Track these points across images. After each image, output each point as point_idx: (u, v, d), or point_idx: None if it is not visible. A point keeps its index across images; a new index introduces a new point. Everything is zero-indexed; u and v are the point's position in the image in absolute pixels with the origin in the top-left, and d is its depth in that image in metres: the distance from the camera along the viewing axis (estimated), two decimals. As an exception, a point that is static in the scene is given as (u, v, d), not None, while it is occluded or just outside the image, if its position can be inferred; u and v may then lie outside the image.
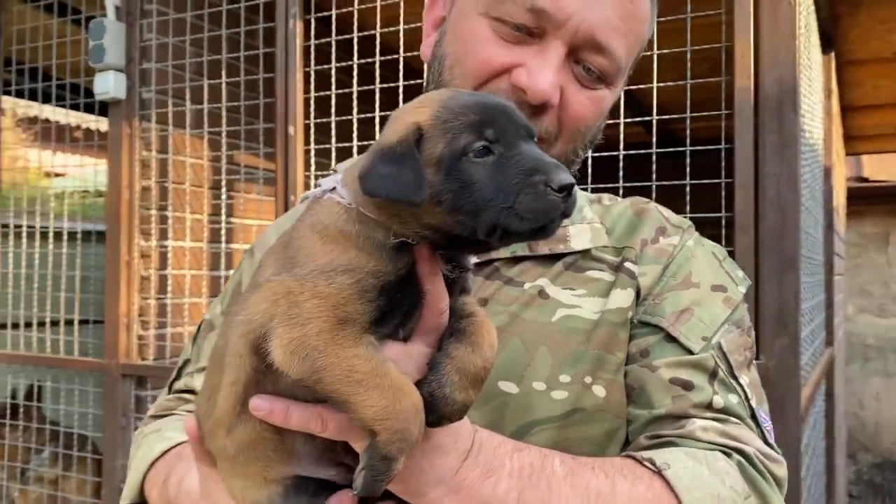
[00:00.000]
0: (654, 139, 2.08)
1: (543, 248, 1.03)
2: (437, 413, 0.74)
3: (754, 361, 1.04)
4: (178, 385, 1.18)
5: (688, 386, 0.94)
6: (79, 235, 3.27)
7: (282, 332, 0.71)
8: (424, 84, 1.07)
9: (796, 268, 1.86)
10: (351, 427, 0.72)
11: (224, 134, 2.81)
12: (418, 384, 0.74)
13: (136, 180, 2.85)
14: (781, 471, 0.93)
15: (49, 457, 3.34)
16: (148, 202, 2.85)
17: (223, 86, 2.77)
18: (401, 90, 2.43)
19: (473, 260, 0.84)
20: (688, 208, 1.95)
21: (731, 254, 1.87)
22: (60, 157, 3.65)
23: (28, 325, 3.25)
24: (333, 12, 2.48)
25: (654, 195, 2.13)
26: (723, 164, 2.00)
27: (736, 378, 0.96)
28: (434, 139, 0.71)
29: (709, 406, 0.93)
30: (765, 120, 1.88)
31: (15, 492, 3.37)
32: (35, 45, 3.15)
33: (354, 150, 2.50)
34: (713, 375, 0.95)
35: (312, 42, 2.52)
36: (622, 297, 1.00)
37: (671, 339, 0.96)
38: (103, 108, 2.99)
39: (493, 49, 0.96)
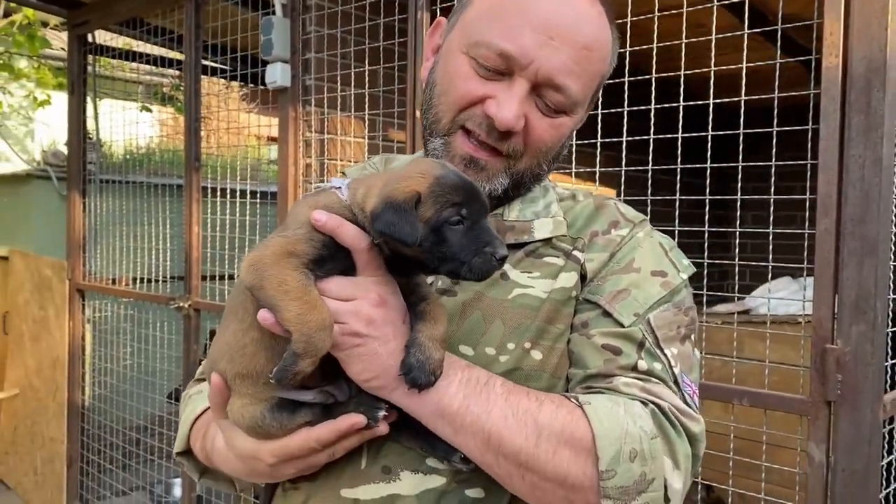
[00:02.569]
0: (742, 119, 2.06)
1: (510, 238, 1.22)
2: (426, 370, 1.01)
3: (692, 337, 1.18)
4: (204, 366, 1.43)
5: (617, 352, 1.10)
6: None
7: (249, 255, 1.02)
8: (422, 100, 1.29)
9: (877, 253, 1.80)
10: (271, 320, 0.98)
11: (380, 115, 3.13)
12: (405, 356, 1.02)
13: (300, 158, 3.26)
14: (697, 427, 1.06)
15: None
16: (310, 177, 3.26)
17: (380, 71, 3.08)
18: None
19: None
20: (772, 190, 1.93)
21: (812, 237, 1.88)
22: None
23: (231, 277, 3.83)
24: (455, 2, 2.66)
25: (739, 174, 2.13)
26: (809, 144, 1.95)
27: (662, 349, 1.11)
28: (427, 205, 0.98)
29: (633, 368, 1.09)
30: (851, 100, 1.82)
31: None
32: (234, 35, 3.65)
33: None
34: (640, 345, 1.10)
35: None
36: (566, 279, 1.18)
37: (607, 314, 1.13)
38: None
39: (470, 84, 1.17)
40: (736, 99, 2.10)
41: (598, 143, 2.38)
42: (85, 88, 4.72)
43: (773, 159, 2.02)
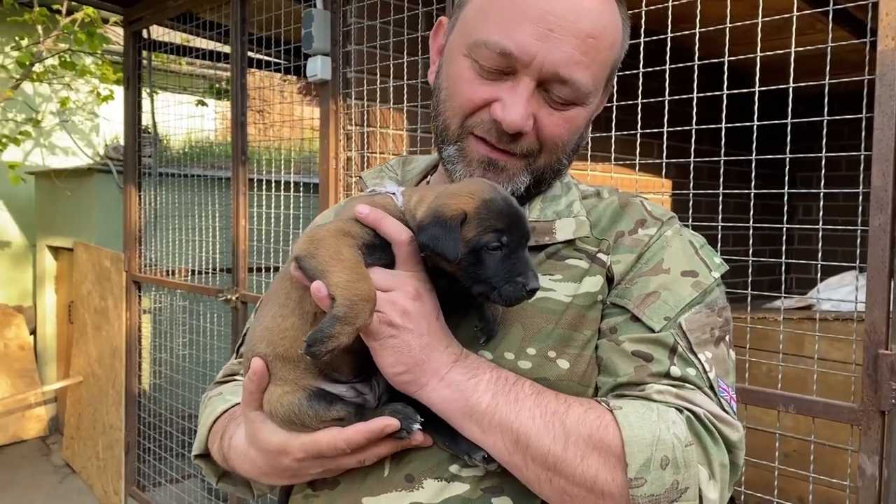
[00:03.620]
0: (790, 108, 1.93)
1: (531, 240, 1.15)
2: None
3: (727, 338, 1.12)
4: (243, 349, 1.39)
5: (648, 358, 1.05)
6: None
7: (306, 231, 1.07)
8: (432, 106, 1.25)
9: (936, 252, 1.66)
10: (324, 292, 0.98)
11: (419, 107, 3.08)
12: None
13: (341, 151, 3.24)
14: (735, 435, 1.02)
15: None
16: (350, 171, 3.24)
17: (418, 62, 3.03)
18: None
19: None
20: (822, 182, 1.80)
21: (865, 233, 1.75)
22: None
23: (278, 270, 3.85)
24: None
25: (787, 166, 2.00)
26: (863, 134, 1.82)
27: (695, 354, 1.06)
28: (471, 226, 1.01)
29: (666, 375, 1.04)
30: (908, 86, 1.68)
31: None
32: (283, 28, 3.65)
33: None
34: (673, 351, 1.06)
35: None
36: (591, 283, 1.14)
37: (636, 319, 1.09)
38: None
39: (474, 87, 1.13)
40: (783, 86, 1.96)
41: (665, 133, 2.27)
42: (140, 83, 4.82)
43: (824, 150, 1.88)
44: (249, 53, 3.86)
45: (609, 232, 1.19)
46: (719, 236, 2.12)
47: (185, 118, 4.83)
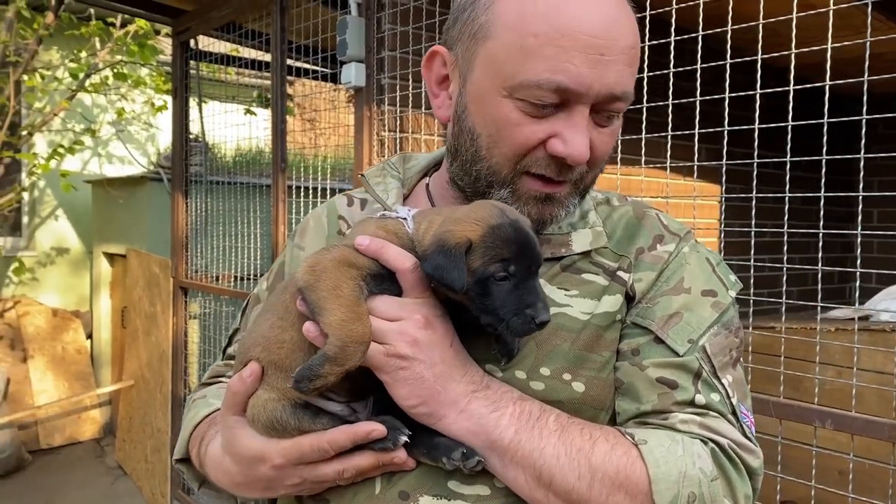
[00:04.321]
0: (827, 107, 1.82)
1: (546, 252, 1.12)
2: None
3: (741, 360, 1.12)
4: (230, 350, 1.40)
5: (672, 385, 1.03)
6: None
7: (310, 258, 1.03)
8: (453, 147, 1.17)
9: None
10: (315, 332, 0.97)
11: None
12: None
13: (375, 157, 3.23)
14: (756, 462, 1.02)
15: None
16: (384, 177, 3.22)
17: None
18: None
19: None
20: (860, 185, 1.69)
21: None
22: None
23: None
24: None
25: (823, 168, 1.89)
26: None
27: (719, 378, 1.05)
28: (477, 254, 0.96)
29: (691, 403, 1.03)
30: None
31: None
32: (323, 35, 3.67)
33: None
34: (697, 376, 1.04)
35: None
36: (611, 302, 1.11)
37: (659, 341, 1.07)
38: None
39: (527, 129, 1.06)
40: (854, 80, 1.84)
41: (697, 134, 2.19)
42: (188, 93, 4.91)
43: (862, 152, 1.77)
44: (295, 63, 3.90)
45: (628, 248, 1.15)
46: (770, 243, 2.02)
47: (233, 126, 4.91)
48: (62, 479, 5.90)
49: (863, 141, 1.81)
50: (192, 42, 4.80)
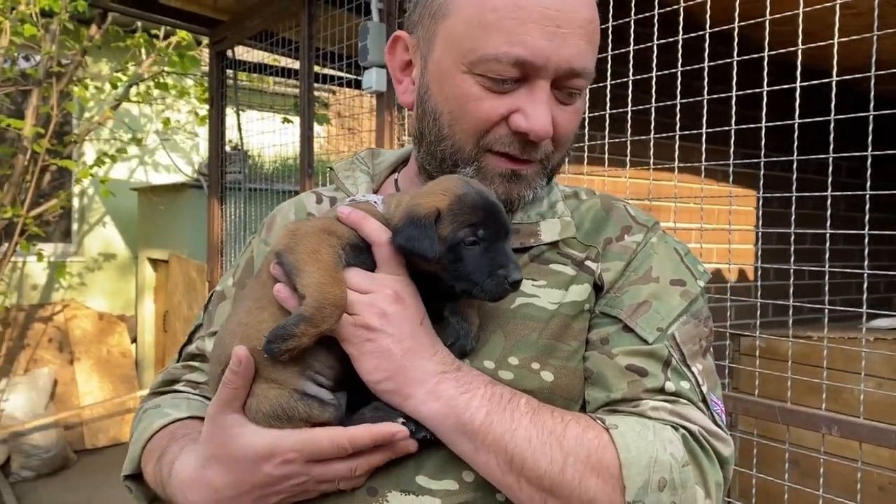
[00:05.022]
0: (833, 104, 1.76)
1: (515, 242, 1.13)
2: (470, 336, 1.05)
3: (711, 349, 1.11)
4: (190, 349, 1.32)
5: (642, 373, 1.03)
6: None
7: (289, 224, 1.05)
8: (417, 132, 1.17)
9: None
10: (285, 293, 0.98)
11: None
12: (451, 324, 1.03)
13: (395, 162, 3.24)
14: (727, 450, 1.02)
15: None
16: (404, 181, 3.23)
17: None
18: (654, 50, 2.38)
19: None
20: (868, 184, 1.63)
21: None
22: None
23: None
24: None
25: (830, 167, 1.83)
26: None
27: (689, 366, 1.05)
28: (446, 223, 0.98)
29: (661, 390, 1.02)
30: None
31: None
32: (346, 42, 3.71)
33: (606, 117, 2.54)
34: (666, 364, 1.04)
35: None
36: (578, 292, 1.11)
37: (628, 329, 1.07)
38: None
39: (487, 104, 1.07)
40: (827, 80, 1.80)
41: (733, 132, 2.14)
42: (224, 101, 5.01)
43: (870, 149, 1.71)
44: (322, 70, 3.94)
45: (596, 238, 1.16)
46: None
47: (269, 133, 4.99)
48: (104, 479, 6.04)
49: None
50: (228, 52, 4.90)
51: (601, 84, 2.47)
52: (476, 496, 1.00)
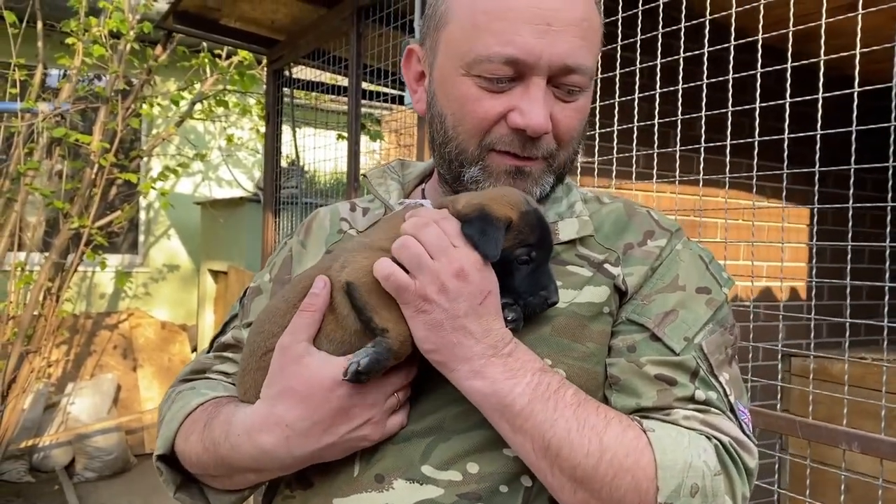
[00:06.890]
0: (855, 114, 1.73)
1: None
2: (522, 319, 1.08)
3: (736, 357, 1.12)
4: (224, 339, 1.33)
5: (671, 382, 1.04)
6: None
7: (359, 261, 1.04)
8: (430, 137, 1.23)
9: None
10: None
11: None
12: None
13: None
14: (752, 462, 1.03)
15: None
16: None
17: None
18: (681, 61, 2.38)
19: None
20: (889, 196, 1.59)
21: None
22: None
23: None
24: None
25: (852, 177, 1.79)
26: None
27: (716, 376, 1.06)
28: (510, 236, 1.02)
29: (691, 399, 1.04)
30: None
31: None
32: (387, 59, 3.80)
33: (634, 130, 2.55)
34: (695, 374, 1.05)
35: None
36: (595, 293, 1.11)
37: (656, 338, 1.08)
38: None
39: (486, 103, 1.11)
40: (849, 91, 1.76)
41: (786, 139, 2.11)
42: (280, 118, 5.16)
43: (890, 160, 1.67)
44: (370, 86, 4.04)
45: (616, 242, 1.17)
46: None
47: (323, 148, 5.12)
48: (160, 483, 6.23)
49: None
50: (285, 70, 5.06)
51: (631, 97, 2.47)
52: (479, 487, 1.02)
